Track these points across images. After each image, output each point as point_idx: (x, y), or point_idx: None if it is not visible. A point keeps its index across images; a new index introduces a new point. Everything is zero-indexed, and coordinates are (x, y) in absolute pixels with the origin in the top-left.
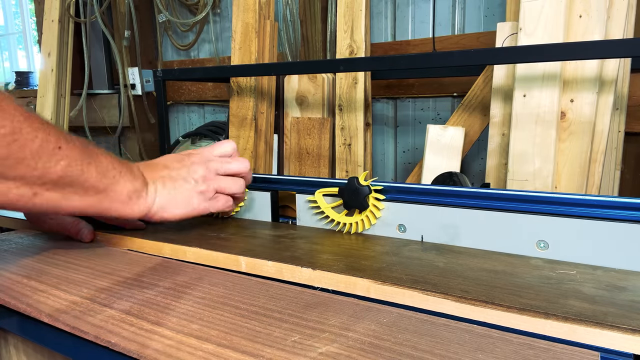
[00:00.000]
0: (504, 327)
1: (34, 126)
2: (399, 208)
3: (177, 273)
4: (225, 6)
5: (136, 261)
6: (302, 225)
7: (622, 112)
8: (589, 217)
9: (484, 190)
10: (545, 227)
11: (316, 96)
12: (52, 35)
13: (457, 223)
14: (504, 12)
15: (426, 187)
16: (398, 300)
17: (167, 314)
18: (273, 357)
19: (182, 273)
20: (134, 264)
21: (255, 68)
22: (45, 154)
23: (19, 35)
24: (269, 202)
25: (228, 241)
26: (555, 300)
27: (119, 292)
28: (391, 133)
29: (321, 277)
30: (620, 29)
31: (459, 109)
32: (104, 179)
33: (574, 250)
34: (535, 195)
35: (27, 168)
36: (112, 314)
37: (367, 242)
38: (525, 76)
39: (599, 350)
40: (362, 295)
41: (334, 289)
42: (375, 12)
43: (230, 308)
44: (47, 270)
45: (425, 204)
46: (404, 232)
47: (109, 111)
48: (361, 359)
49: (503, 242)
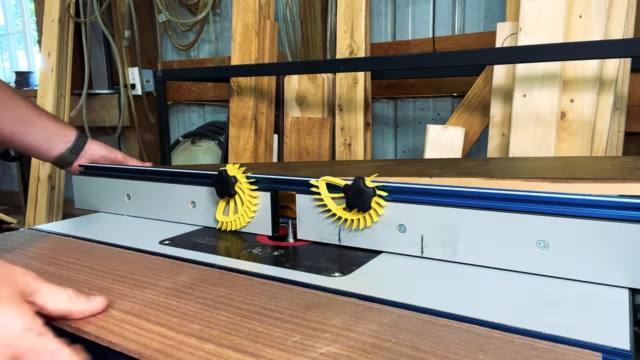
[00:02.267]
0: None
1: None
2: (399, 208)
3: (178, 273)
4: (225, 6)
5: (137, 261)
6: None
7: (622, 112)
8: (589, 217)
9: (484, 190)
10: (545, 227)
11: (316, 96)
12: (52, 35)
13: (457, 223)
14: (504, 12)
15: (426, 187)
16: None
17: (168, 314)
18: (274, 357)
19: (183, 273)
20: (134, 264)
21: (255, 68)
22: None
23: (19, 35)
24: (269, 202)
25: None
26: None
27: (120, 292)
28: (391, 133)
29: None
30: (620, 29)
31: (459, 109)
32: None
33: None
34: (535, 195)
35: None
36: (113, 314)
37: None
38: (525, 76)
39: (601, 351)
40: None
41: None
42: (375, 12)
43: (231, 308)
44: (48, 269)
45: (425, 204)
46: (404, 232)
47: (109, 111)
48: (362, 359)
49: (503, 242)
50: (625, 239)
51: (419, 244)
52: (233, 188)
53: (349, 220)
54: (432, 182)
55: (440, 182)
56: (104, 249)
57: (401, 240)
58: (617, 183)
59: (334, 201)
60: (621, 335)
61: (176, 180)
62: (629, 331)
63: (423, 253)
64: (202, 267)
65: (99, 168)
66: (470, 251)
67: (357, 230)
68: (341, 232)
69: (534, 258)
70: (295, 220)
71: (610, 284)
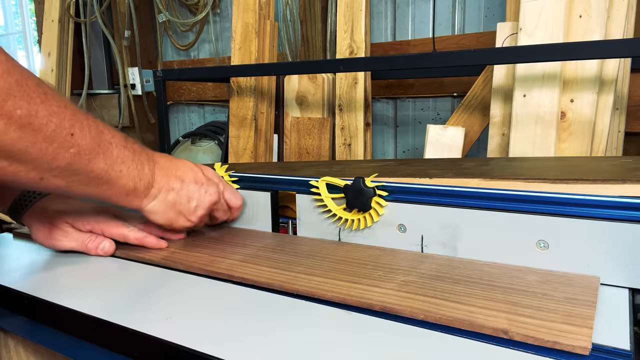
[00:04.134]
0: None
1: (50, 110)
2: (399, 208)
3: (255, 240)
4: (225, 6)
5: (261, 237)
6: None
7: (622, 112)
8: (589, 217)
9: (484, 190)
10: (546, 227)
11: (316, 96)
12: (52, 35)
13: (457, 223)
14: (504, 12)
15: (426, 187)
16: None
17: (271, 263)
18: (369, 284)
19: (259, 241)
20: (260, 239)
21: (255, 68)
22: (57, 140)
23: (19, 35)
24: (269, 203)
25: None
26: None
27: (229, 250)
28: (391, 133)
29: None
30: (620, 29)
31: (459, 109)
32: (109, 171)
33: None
34: (535, 195)
35: (38, 152)
36: (233, 262)
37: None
38: (525, 76)
39: (601, 351)
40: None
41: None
42: (375, 12)
43: (318, 258)
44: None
45: (425, 204)
46: (404, 232)
47: (109, 111)
48: (432, 282)
49: (503, 242)
50: (625, 239)
51: (419, 244)
52: None
53: (349, 221)
54: (432, 182)
55: (440, 182)
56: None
57: (401, 240)
58: (617, 184)
59: (334, 201)
60: (621, 335)
61: None
62: (629, 331)
63: (423, 253)
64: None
65: None
66: (470, 251)
67: (357, 230)
68: (341, 232)
69: (534, 258)
70: (295, 220)
71: (610, 283)
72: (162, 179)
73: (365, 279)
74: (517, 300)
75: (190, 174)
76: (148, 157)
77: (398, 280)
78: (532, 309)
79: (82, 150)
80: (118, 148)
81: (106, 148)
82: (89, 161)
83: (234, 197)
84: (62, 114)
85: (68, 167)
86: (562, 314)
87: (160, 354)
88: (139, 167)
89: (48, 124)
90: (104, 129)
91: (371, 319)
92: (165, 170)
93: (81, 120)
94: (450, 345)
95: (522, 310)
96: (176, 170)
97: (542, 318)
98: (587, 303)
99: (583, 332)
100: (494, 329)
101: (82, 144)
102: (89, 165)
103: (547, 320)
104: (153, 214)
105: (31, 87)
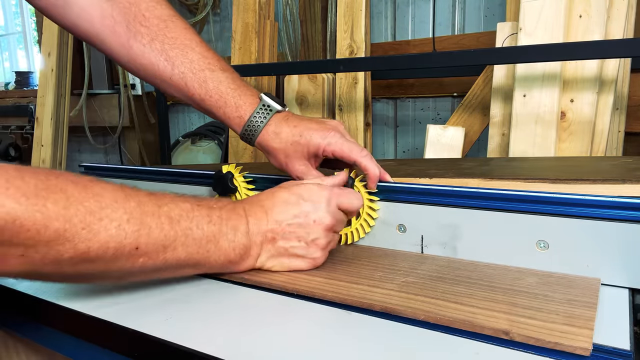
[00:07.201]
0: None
1: (109, 232)
2: (398, 208)
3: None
4: (225, 6)
5: None
6: None
7: (622, 112)
8: (589, 217)
9: (484, 190)
10: (545, 227)
11: (316, 96)
12: (52, 35)
13: (457, 223)
14: (504, 12)
15: (426, 187)
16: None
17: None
18: (369, 284)
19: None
20: None
21: (255, 68)
22: (121, 259)
23: (19, 35)
24: None
25: None
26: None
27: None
28: (391, 133)
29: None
30: (620, 29)
31: (459, 109)
32: (194, 255)
33: (573, 249)
34: (535, 195)
35: (102, 275)
36: (275, 276)
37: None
38: (525, 76)
39: (601, 351)
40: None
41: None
42: (375, 12)
43: (326, 262)
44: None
45: (425, 204)
46: (404, 232)
47: (109, 111)
48: (432, 283)
49: (503, 242)
50: (625, 239)
51: (419, 244)
52: (233, 191)
53: (343, 237)
54: (432, 182)
55: (440, 182)
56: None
57: (401, 240)
58: (617, 184)
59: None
60: (621, 335)
61: (176, 180)
62: (629, 331)
63: (423, 253)
64: None
65: (99, 168)
66: (470, 251)
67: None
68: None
69: (534, 258)
70: None
71: (610, 283)
72: (258, 228)
73: (366, 279)
74: (518, 301)
75: (285, 212)
76: (239, 217)
77: (398, 280)
78: (533, 310)
79: (151, 255)
80: (200, 229)
81: (185, 235)
82: (165, 260)
83: (347, 201)
84: (122, 232)
85: (141, 271)
86: (563, 315)
87: (160, 353)
88: (230, 236)
89: (106, 250)
90: (180, 215)
91: (372, 319)
92: (258, 221)
93: (148, 224)
94: (451, 346)
95: (523, 311)
96: (268, 213)
97: (543, 319)
98: (588, 304)
99: (584, 334)
100: (495, 329)
101: (150, 251)
102: (166, 262)
103: (548, 322)
104: (264, 265)
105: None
